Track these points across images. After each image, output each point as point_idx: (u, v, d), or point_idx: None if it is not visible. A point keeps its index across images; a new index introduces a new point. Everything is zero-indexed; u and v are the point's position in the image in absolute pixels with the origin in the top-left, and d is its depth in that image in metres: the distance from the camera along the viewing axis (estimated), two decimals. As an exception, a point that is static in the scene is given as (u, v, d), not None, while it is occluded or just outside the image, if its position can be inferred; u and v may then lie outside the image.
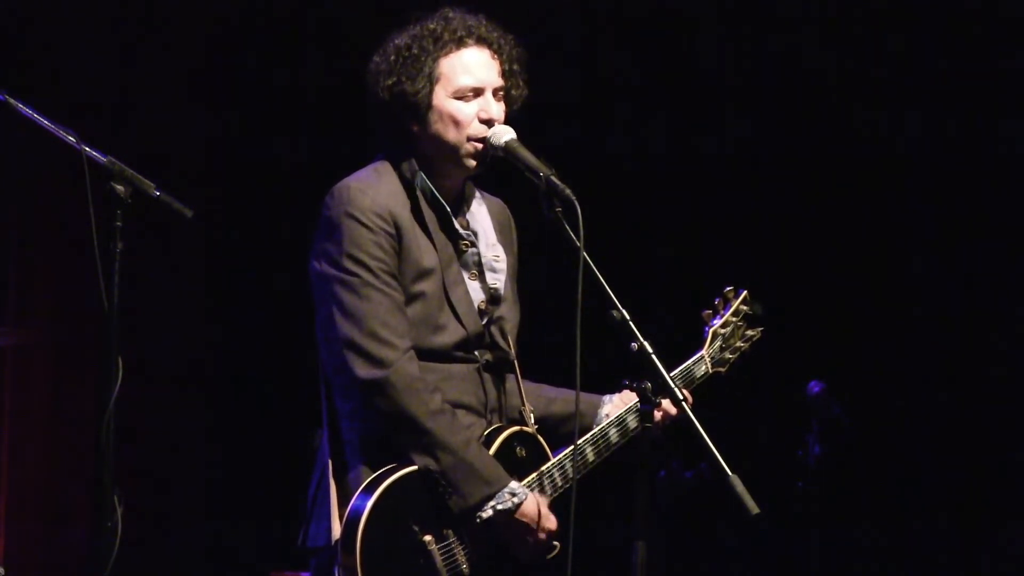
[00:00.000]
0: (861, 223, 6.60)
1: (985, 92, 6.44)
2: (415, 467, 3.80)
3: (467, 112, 3.92)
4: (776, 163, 6.69)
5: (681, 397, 3.63)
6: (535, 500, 3.88)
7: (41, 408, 6.28)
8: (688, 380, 4.21)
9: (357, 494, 3.77)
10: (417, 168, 3.96)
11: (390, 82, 3.93)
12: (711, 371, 4.27)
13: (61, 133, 3.58)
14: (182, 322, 6.49)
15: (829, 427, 5.70)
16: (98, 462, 3.51)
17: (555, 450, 4.03)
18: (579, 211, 3.70)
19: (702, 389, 4.23)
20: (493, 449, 3.91)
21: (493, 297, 4.03)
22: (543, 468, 3.97)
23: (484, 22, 3.99)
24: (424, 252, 3.91)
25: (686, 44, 6.72)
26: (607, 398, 4.16)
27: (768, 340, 4.38)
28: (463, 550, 3.83)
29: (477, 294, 4.00)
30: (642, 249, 6.69)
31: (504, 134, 3.91)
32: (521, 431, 4.00)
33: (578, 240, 3.70)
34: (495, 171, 3.99)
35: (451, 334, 3.92)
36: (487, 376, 3.98)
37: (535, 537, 3.87)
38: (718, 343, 4.30)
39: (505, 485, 3.83)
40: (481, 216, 4.08)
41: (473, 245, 4.02)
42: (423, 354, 3.87)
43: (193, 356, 6.53)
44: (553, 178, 3.78)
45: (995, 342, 6.45)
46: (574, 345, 3.63)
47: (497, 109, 3.95)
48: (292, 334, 5.17)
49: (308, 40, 6.62)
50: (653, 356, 3.64)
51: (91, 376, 6.27)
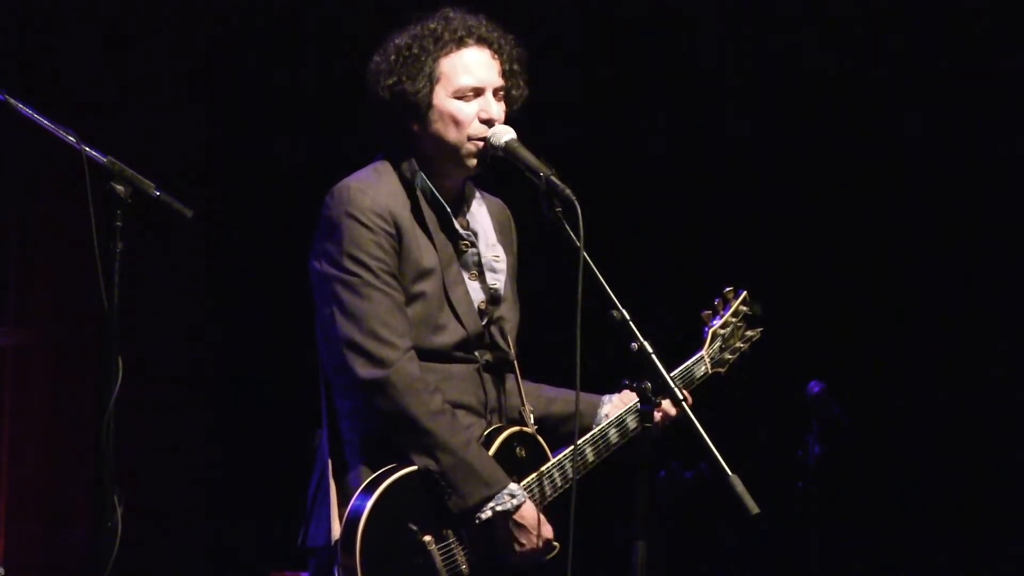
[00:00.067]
0: (861, 223, 6.60)
1: (985, 92, 6.44)
2: (415, 467, 3.80)
3: (467, 112, 3.92)
4: (776, 163, 6.69)
5: (681, 397, 3.64)
6: (533, 505, 3.88)
7: (41, 408, 6.28)
8: (688, 380, 4.20)
9: (357, 494, 3.77)
10: (417, 168, 3.96)
11: (390, 82, 3.93)
12: (711, 371, 4.27)
13: (61, 133, 3.57)
14: (182, 322, 6.49)
15: (829, 427, 5.70)
16: (98, 462, 3.51)
17: (555, 450, 4.03)
18: (579, 211, 3.70)
19: (702, 389, 4.23)
20: (493, 449, 3.91)
21: (493, 297, 4.03)
22: (543, 468, 3.97)
23: (485, 22, 3.99)
24: (424, 252, 3.90)
25: (686, 44, 6.72)
26: (606, 398, 4.16)
27: (768, 340, 4.38)
28: (462, 550, 3.83)
29: (477, 294, 4.00)
30: (642, 249, 6.69)
31: (504, 134, 3.91)
32: (521, 431, 4.00)
33: (578, 240, 3.70)
34: (495, 171, 3.99)
35: (451, 334, 3.92)
36: (487, 376, 3.98)
37: (531, 540, 3.86)
38: (718, 343, 4.30)
39: (504, 487, 3.83)
40: (481, 216, 4.08)
41: (473, 245, 4.02)
42: (423, 354, 3.87)
43: (193, 356, 6.53)
44: (553, 178, 3.78)
45: (995, 342, 6.45)
46: (574, 345, 3.63)
47: (497, 109, 3.94)
48: (292, 334, 5.17)
49: (308, 40, 6.62)
50: (653, 356, 3.64)
51: (91, 376, 6.27)
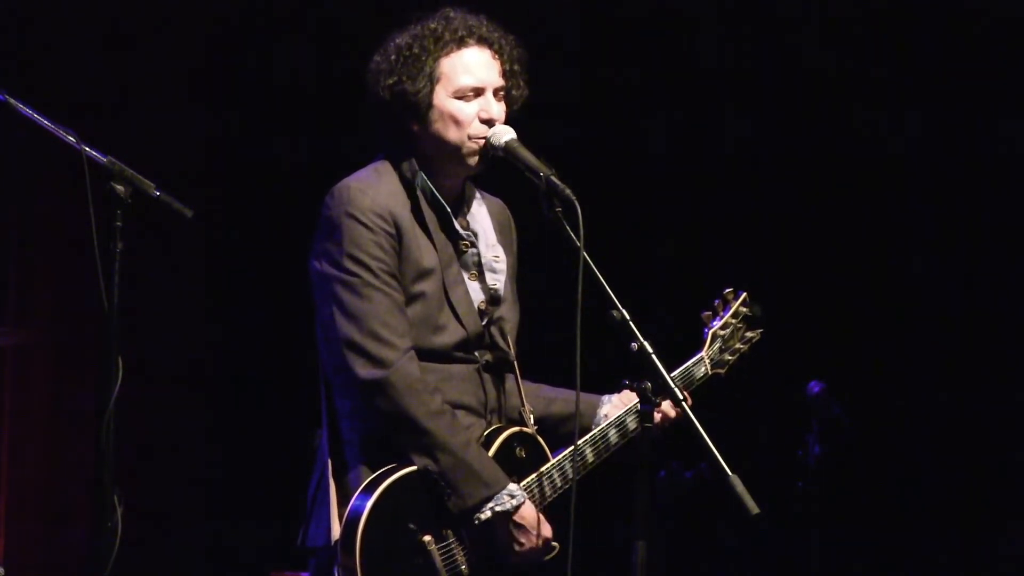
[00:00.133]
0: (861, 223, 6.60)
1: (985, 92, 6.44)
2: (415, 467, 3.80)
3: (467, 112, 3.92)
4: (776, 163, 6.69)
5: (681, 397, 3.63)
6: (532, 504, 3.88)
7: (41, 408, 6.28)
8: (688, 381, 4.20)
9: (357, 494, 3.77)
10: (417, 168, 3.95)
11: (391, 81, 3.93)
12: (711, 373, 4.27)
13: (61, 133, 3.57)
14: (182, 322, 6.49)
15: (829, 427, 5.70)
16: (98, 462, 3.51)
17: (554, 451, 4.03)
18: (579, 211, 3.69)
19: (702, 390, 4.23)
20: (493, 450, 3.91)
21: (493, 297, 4.02)
22: (543, 469, 3.96)
23: (485, 22, 3.99)
24: (424, 252, 3.90)
25: (686, 44, 6.72)
26: (606, 398, 4.15)
27: (768, 340, 4.38)
28: (462, 550, 3.83)
29: (477, 294, 4.00)
30: (642, 249, 6.69)
31: (504, 134, 3.91)
32: (521, 432, 3.99)
33: (578, 240, 3.70)
34: (495, 171, 3.99)
35: (451, 334, 3.92)
36: (487, 376, 3.98)
37: (531, 540, 3.86)
38: (718, 345, 4.30)
39: (504, 487, 3.83)
40: (481, 216, 4.07)
41: (473, 245, 4.02)
42: (423, 354, 3.87)
43: (193, 356, 6.53)
44: (553, 178, 3.78)
45: (995, 342, 6.45)
46: (574, 345, 3.63)
47: (498, 109, 3.94)
48: (292, 334, 5.17)
49: (308, 40, 6.62)
50: (653, 356, 3.64)
51: (91, 376, 6.27)
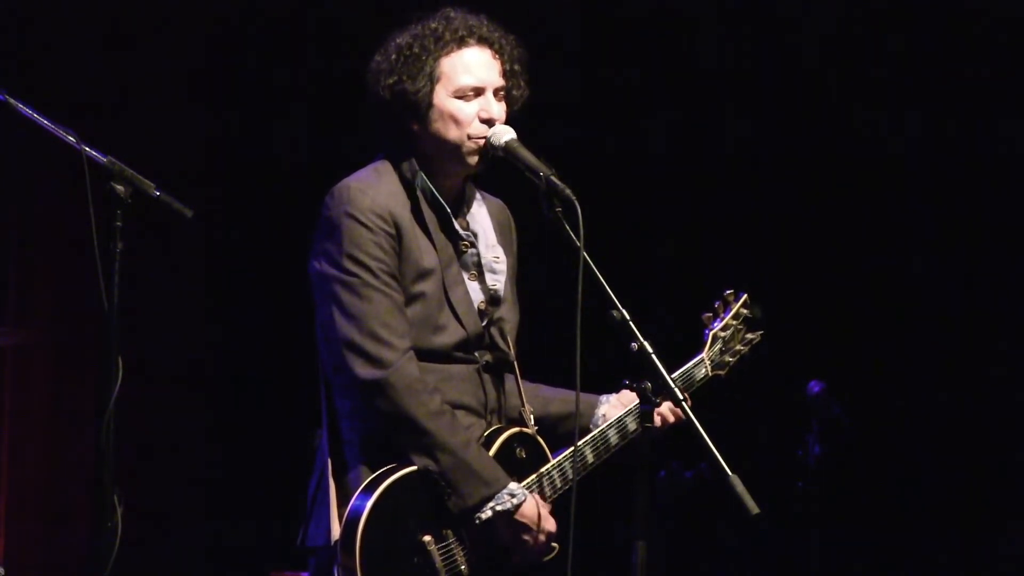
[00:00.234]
0: (861, 223, 6.60)
1: (985, 92, 6.44)
2: (415, 467, 3.80)
3: (468, 111, 3.92)
4: (776, 163, 6.69)
5: (681, 397, 3.63)
6: (534, 502, 3.88)
7: (41, 408, 6.28)
8: (688, 383, 4.20)
9: (357, 494, 3.77)
10: (417, 168, 3.95)
11: (391, 81, 3.93)
12: (711, 374, 4.26)
13: (61, 133, 3.57)
14: (182, 322, 6.49)
15: (829, 427, 5.70)
16: (98, 462, 3.51)
17: (554, 451, 4.03)
18: (579, 211, 3.69)
19: (702, 390, 4.23)
20: (493, 450, 3.91)
21: (493, 298, 4.02)
22: (543, 470, 3.96)
23: (486, 22, 3.99)
24: (424, 252, 3.90)
25: (686, 44, 6.72)
26: (604, 398, 4.15)
27: (768, 340, 4.38)
28: (462, 550, 3.83)
29: (477, 295, 4.00)
30: (642, 249, 6.69)
31: (504, 134, 3.91)
32: (521, 432, 3.99)
33: (578, 240, 3.69)
34: (495, 171, 3.99)
35: (451, 335, 3.92)
36: (487, 377, 3.98)
37: (534, 538, 3.87)
38: (718, 346, 4.29)
39: (504, 486, 3.83)
40: (481, 217, 4.07)
41: (473, 246, 4.02)
42: (423, 355, 3.87)
43: (193, 356, 6.53)
44: (553, 178, 3.77)
45: (995, 342, 6.45)
46: (574, 345, 3.62)
47: (498, 109, 3.94)
48: (292, 334, 5.17)
49: (308, 40, 6.62)
50: (653, 356, 3.63)
51: (91, 376, 6.27)
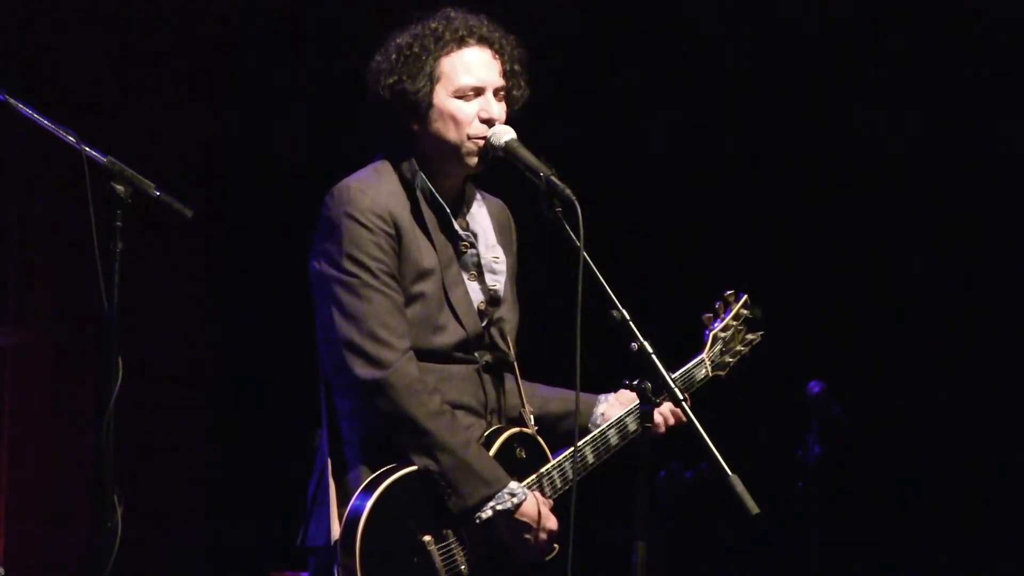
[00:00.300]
0: (861, 223, 6.60)
1: (985, 92, 6.44)
2: (415, 467, 3.80)
3: (467, 111, 3.92)
4: (776, 163, 6.69)
5: (681, 397, 3.63)
6: (535, 500, 3.88)
7: (41, 408, 6.28)
8: (688, 383, 4.20)
9: (357, 494, 3.77)
10: (417, 168, 3.95)
11: (391, 81, 3.93)
12: (711, 374, 4.26)
13: (61, 133, 3.57)
14: (182, 322, 6.49)
15: (829, 427, 5.70)
16: (98, 462, 3.51)
17: (554, 452, 4.03)
18: (579, 211, 3.69)
19: (702, 390, 4.23)
20: (493, 450, 3.91)
21: (493, 298, 4.02)
22: (543, 470, 3.96)
23: (486, 22, 3.99)
24: (424, 253, 3.90)
25: (686, 44, 6.72)
26: (603, 397, 4.15)
27: (768, 340, 4.38)
28: (462, 550, 3.83)
29: (477, 295, 4.00)
30: (642, 249, 6.69)
31: (504, 134, 3.90)
32: (521, 432, 3.99)
33: (578, 240, 3.69)
34: (495, 171, 3.98)
35: (451, 335, 3.92)
36: (487, 377, 3.98)
37: (535, 537, 3.87)
38: (718, 346, 4.29)
39: (504, 486, 3.83)
40: (481, 217, 4.07)
41: (472, 246, 4.02)
42: (423, 355, 3.87)
43: (193, 356, 6.52)
44: (553, 178, 3.77)
45: (995, 342, 6.45)
46: (574, 345, 3.62)
47: (498, 109, 3.94)
48: (292, 334, 5.17)
49: (308, 40, 6.62)
50: (653, 356, 3.63)
51: (91, 376, 6.26)
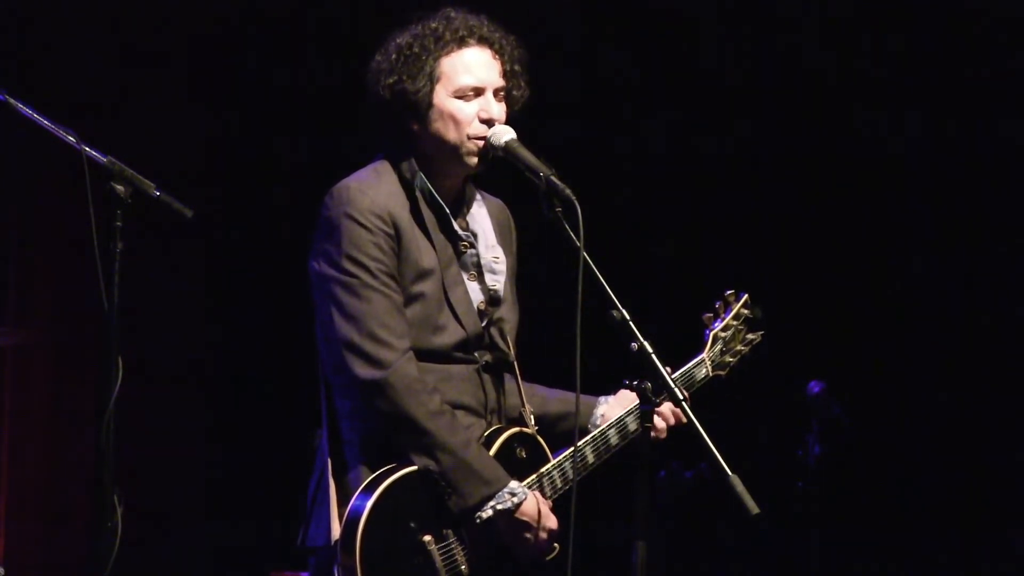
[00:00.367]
0: (861, 223, 6.60)
1: (985, 92, 6.44)
2: (415, 467, 3.80)
3: (467, 111, 3.92)
4: (776, 163, 6.69)
5: (681, 397, 3.63)
6: (535, 499, 3.88)
7: (41, 408, 6.28)
8: (689, 383, 4.20)
9: (357, 494, 3.77)
10: (417, 168, 3.95)
11: (391, 80, 3.93)
12: (712, 374, 4.26)
13: (61, 133, 3.57)
14: (182, 322, 6.49)
15: (829, 427, 5.70)
16: (98, 462, 3.51)
17: (555, 451, 4.03)
18: (579, 211, 3.69)
19: (702, 390, 4.22)
20: (493, 450, 3.91)
21: (492, 298, 4.02)
22: (543, 469, 3.96)
23: (486, 22, 3.99)
24: (423, 253, 3.90)
25: (686, 44, 6.72)
26: (603, 399, 4.15)
27: (768, 340, 4.38)
28: (462, 550, 3.83)
29: (476, 295, 4.00)
30: (642, 249, 6.69)
31: (504, 134, 3.90)
32: (521, 432, 3.99)
33: (578, 240, 3.69)
34: (495, 171, 3.98)
35: (451, 335, 3.92)
36: (487, 377, 3.98)
37: (535, 536, 3.87)
38: (719, 346, 4.29)
39: (505, 485, 3.83)
40: (481, 217, 4.07)
41: (472, 246, 4.02)
42: (422, 355, 3.87)
43: (193, 356, 6.52)
44: (553, 178, 3.77)
45: (995, 342, 6.45)
46: (574, 345, 3.62)
47: (498, 109, 3.94)
48: (292, 334, 5.16)
49: (308, 40, 6.62)
50: (653, 356, 3.63)
51: (91, 376, 6.26)
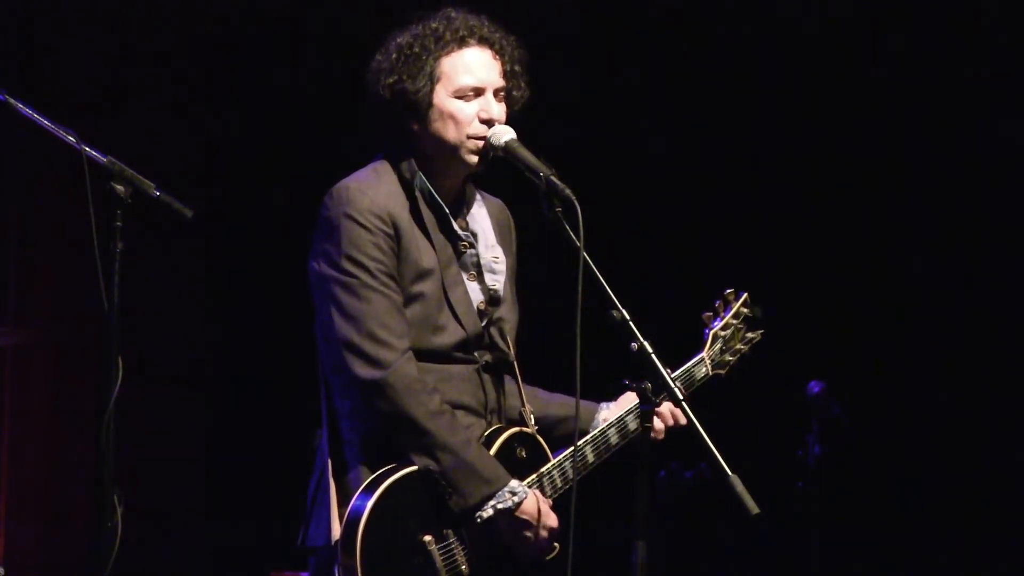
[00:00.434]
0: (861, 223, 6.60)
1: (985, 92, 6.44)
2: (415, 467, 3.80)
3: (467, 111, 3.92)
4: (776, 163, 6.69)
5: (681, 397, 3.63)
6: (535, 498, 3.88)
7: (41, 408, 6.28)
8: (688, 382, 4.20)
9: (357, 494, 3.77)
10: (416, 168, 3.95)
11: (391, 80, 3.93)
12: (711, 373, 4.26)
13: (61, 133, 3.57)
14: (182, 322, 6.49)
15: (829, 427, 5.70)
16: (98, 462, 3.51)
17: (555, 451, 4.03)
18: (579, 211, 3.69)
19: (702, 390, 4.23)
20: (494, 449, 3.91)
21: (492, 298, 4.02)
22: (543, 469, 3.97)
23: (486, 22, 3.99)
24: (423, 253, 3.90)
25: (686, 44, 6.72)
26: (604, 405, 4.15)
27: (768, 340, 4.38)
28: (463, 550, 3.83)
29: (476, 295, 4.00)
30: (642, 249, 6.69)
31: (504, 134, 3.91)
32: (521, 432, 4.00)
33: (578, 240, 3.69)
34: (495, 171, 3.98)
35: (450, 335, 3.92)
36: (486, 377, 3.98)
37: (536, 535, 3.87)
38: (718, 345, 4.29)
39: (505, 484, 3.83)
40: (481, 217, 4.07)
41: (472, 246, 4.02)
42: (422, 355, 3.87)
43: (193, 356, 6.52)
44: (553, 178, 3.77)
45: (995, 342, 6.45)
46: (574, 345, 3.62)
47: (498, 109, 3.94)
48: (292, 334, 5.16)
49: (308, 40, 6.62)
50: (653, 356, 3.63)
51: (91, 376, 6.26)
